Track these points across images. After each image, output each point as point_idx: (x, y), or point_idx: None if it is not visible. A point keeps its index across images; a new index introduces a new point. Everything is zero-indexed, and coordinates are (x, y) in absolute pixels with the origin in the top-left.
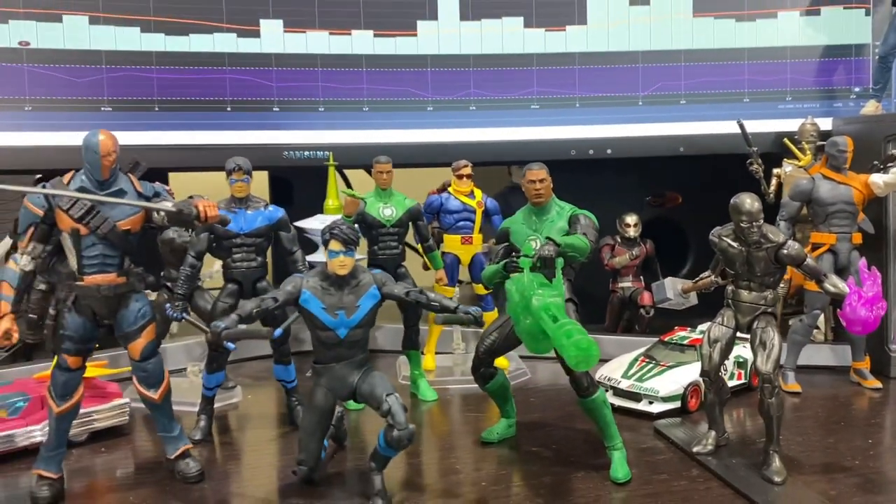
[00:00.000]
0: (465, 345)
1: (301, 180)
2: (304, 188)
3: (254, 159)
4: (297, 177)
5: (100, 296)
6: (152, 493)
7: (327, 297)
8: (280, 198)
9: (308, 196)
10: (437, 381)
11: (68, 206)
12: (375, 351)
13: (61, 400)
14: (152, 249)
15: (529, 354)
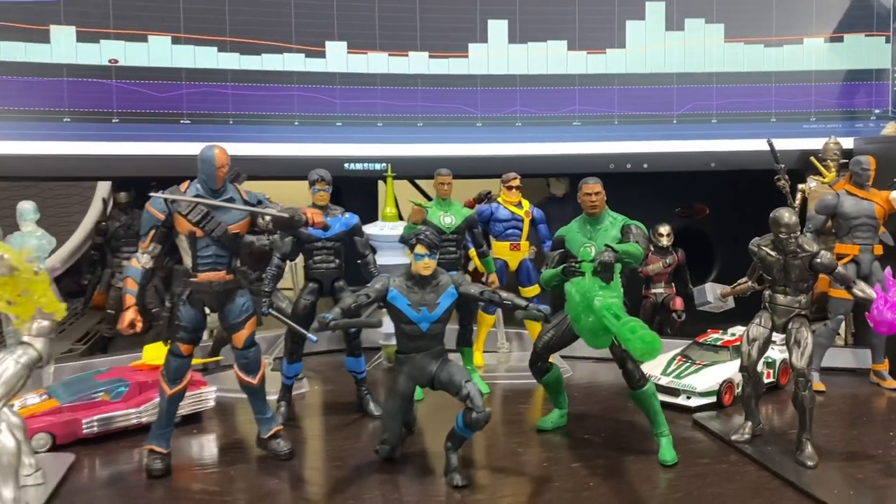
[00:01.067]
0: (508, 344)
1: (350, 189)
2: (353, 196)
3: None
4: (346, 186)
5: (211, 291)
6: (249, 468)
7: (412, 295)
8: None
9: (355, 203)
10: (484, 376)
11: (187, 211)
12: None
13: (173, 383)
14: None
15: (567, 354)
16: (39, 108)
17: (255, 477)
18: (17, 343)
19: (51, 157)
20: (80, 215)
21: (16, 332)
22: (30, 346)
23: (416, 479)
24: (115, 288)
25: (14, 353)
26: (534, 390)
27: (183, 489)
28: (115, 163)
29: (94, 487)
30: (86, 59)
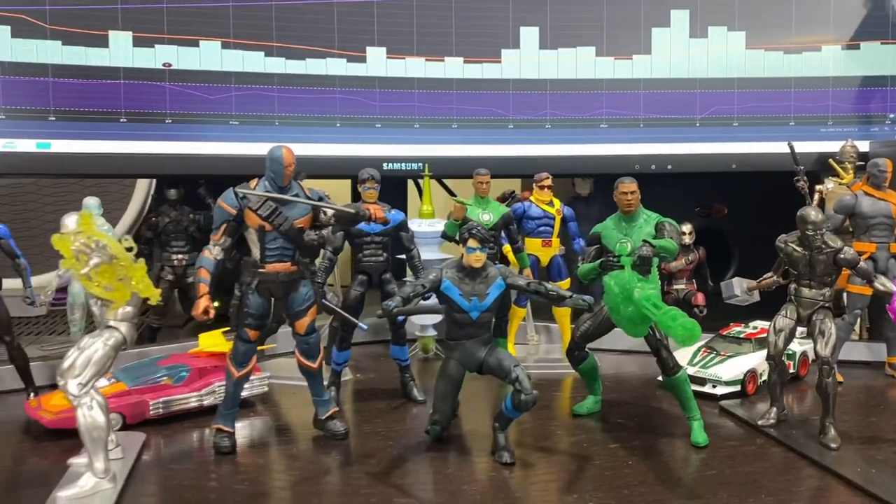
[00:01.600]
0: (538, 337)
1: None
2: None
3: (356, 169)
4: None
5: (277, 281)
6: (308, 447)
7: (463, 286)
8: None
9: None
10: None
11: (257, 206)
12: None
13: (240, 367)
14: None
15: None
16: (98, 109)
17: (314, 455)
18: (104, 327)
19: (108, 156)
20: (119, 212)
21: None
22: (115, 329)
23: (466, 456)
24: (165, 281)
25: (102, 336)
26: (562, 380)
27: (249, 465)
28: (167, 161)
29: (167, 462)
30: (141, 63)
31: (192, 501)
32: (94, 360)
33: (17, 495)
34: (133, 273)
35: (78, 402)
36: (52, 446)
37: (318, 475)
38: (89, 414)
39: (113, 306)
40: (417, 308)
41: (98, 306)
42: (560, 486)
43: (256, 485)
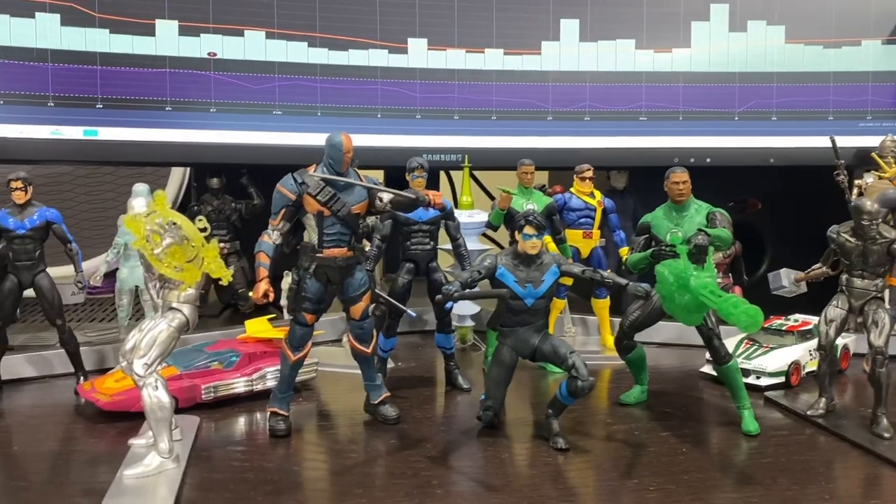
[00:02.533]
0: (574, 329)
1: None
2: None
3: (398, 160)
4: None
5: (335, 266)
6: (362, 431)
7: (518, 272)
8: None
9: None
10: None
11: (316, 192)
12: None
13: (296, 350)
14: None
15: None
16: (145, 98)
17: (369, 438)
18: (167, 309)
19: (153, 144)
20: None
21: (156, 302)
22: (179, 311)
23: (519, 442)
24: None
25: (165, 317)
26: (601, 371)
27: (305, 448)
28: (210, 150)
29: (223, 444)
30: (187, 52)
31: (254, 482)
32: (158, 340)
33: (82, 475)
34: (205, 254)
35: (143, 382)
36: (107, 428)
37: (375, 457)
38: (154, 394)
39: (182, 287)
40: (477, 292)
41: (157, 289)
42: (618, 471)
43: (315, 466)
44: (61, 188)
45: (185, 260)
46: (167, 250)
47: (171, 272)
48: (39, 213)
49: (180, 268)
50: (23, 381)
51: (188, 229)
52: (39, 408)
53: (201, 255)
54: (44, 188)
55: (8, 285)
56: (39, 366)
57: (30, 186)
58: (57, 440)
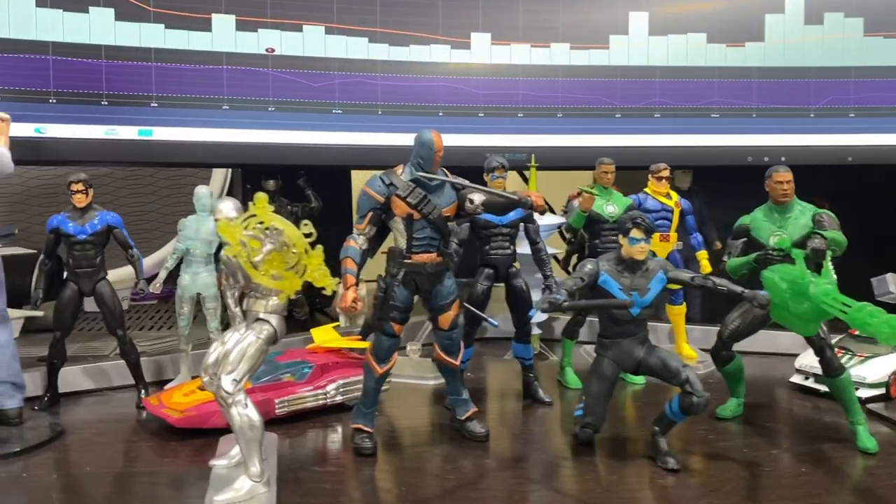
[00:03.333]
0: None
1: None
2: None
3: (461, 160)
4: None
5: (424, 272)
6: (452, 449)
7: (622, 279)
8: None
9: None
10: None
11: (406, 194)
12: (549, 340)
13: (383, 363)
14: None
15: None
16: (201, 96)
17: (459, 457)
18: (254, 320)
19: (209, 144)
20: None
21: (233, 312)
22: (266, 322)
23: (623, 461)
24: None
25: (253, 329)
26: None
27: (395, 468)
28: (268, 151)
29: (308, 464)
30: (244, 48)
31: None
32: (248, 354)
33: (167, 501)
34: (309, 261)
35: (232, 399)
36: (180, 447)
37: (474, 479)
38: (244, 413)
39: (281, 296)
40: (590, 303)
41: (235, 297)
42: (741, 495)
43: (414, 490)
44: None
45: (285, 267)
46: (266, 257)
47: (268, 281)
48: (100, 217)
49: (279, 276)
50: (79, 394)
51: (291, 234)
52: (103, 423)
53: (303, 262)
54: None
55: (68, 294)
56: (97, 378)
57: (90, 189)
58: (129, 459)
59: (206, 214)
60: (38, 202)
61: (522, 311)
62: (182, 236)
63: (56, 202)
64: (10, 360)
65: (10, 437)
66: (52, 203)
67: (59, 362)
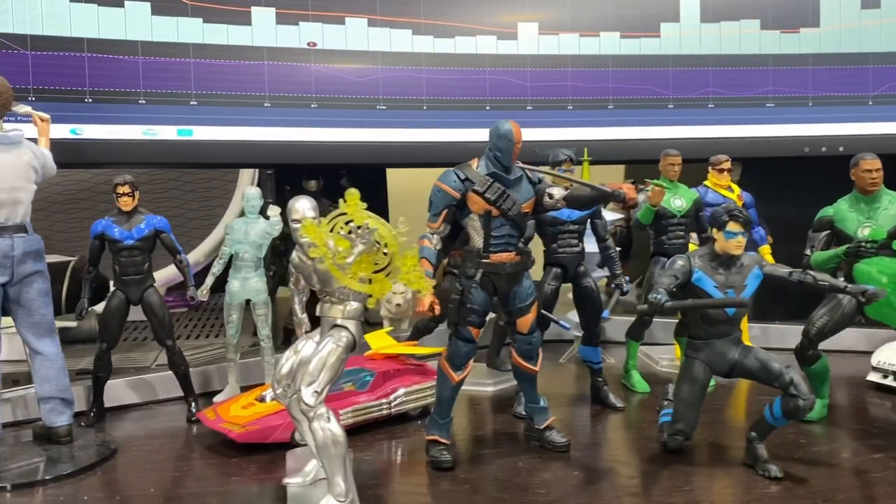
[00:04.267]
0: None
1: None
2: None
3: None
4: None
5: (503, 273)
6: (530, 460)
7: (717, 276)
8: None
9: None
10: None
11: (483, 189)
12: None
13: (459, 370)
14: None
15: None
16: (242, 93)
17: (543, 468)
18: (331, 326)
19: (250, 144)
20: (221, 209)
21: (299, 319)
22: (345, 329)
23: (720, 470)
24: None
25: (331, 337)
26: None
27: (480, 483)
28: (311, 149)
29: (386, 479)
30: (285, 42)
31: None
32: (328, 364)
33: None
34: (403, 262)
35: (314, 413)
36: (244, 463)
37: (567, 494)
38: (327, 427)
39: (370, 301)
40: (693, 303)
41: (301, 303)
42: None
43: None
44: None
45: (373, 269)
46: (357, 259)
47: (355, 284)
48: (147, 221)
49: (366, 279)
50: (124, 409)
51: (384, 234)
52: (155, 439)
53: (396, 263)
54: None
55: (115, 303)
56: (141, 391)
57: (137, 191)
58: (193, 478)
59: (256, 217)
60: (60, 209)
61: (592, 313)
62: (230, 240)
63: (78, 208)
64: (58, 373)
65: (59, 456)
66: (73, 209)
67: (105, 375)
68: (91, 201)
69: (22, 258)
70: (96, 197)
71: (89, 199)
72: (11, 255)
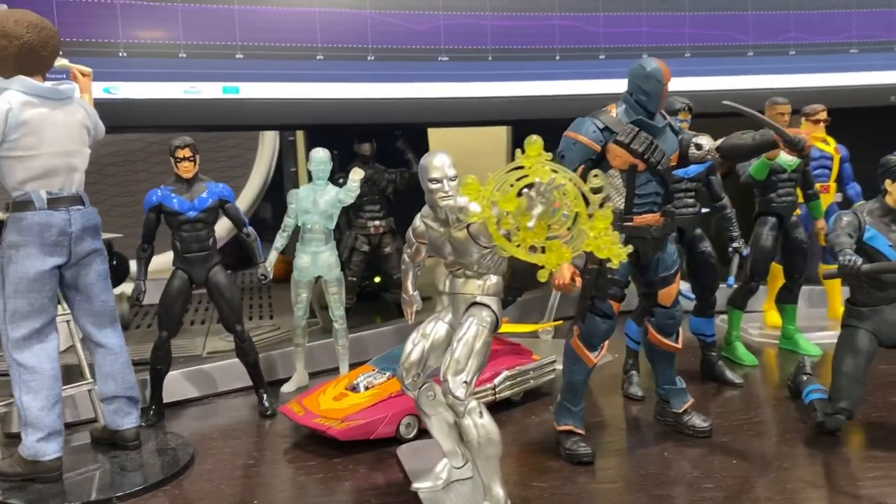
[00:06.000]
0: None
1: (545, 132)
2: (549, 146)
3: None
4: (541, 129)
5: (648, 237)
6: (673, 447)
7: (891, 234)
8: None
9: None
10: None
11: (629, 139)
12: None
13: (596, 351)
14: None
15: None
16: (293, 44)
17: (697, 457)
18: (470, 304)
19: (302, 103)
20: (242, 179)
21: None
22: (486, 307)
23: (887, 452)
24: (359, 252)
25: (474, 317)
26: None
27: (629, 476)
28: (366, 107)
29: (520, 480)
30: None
31: None
32: (476, 349)
33: None
34: (592, 225)
35: (464, 408)
36: (347, 463)
37: (739, 485)
38: (481, 423)
39: (542, 273)
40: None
41: (414, 278)
42: None
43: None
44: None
45: (546, 235)
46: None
47: (524, 254)
48: (210, 189)
49: (539, 247)
50: (180, 404)
51: (571, 192)
52: (233, 439)
53: (583, 227)
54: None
55: (177, 284)
56: (198, 383)
57: (198, 155)
58: (299, 487)
59: (324, 183)
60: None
61: (708, 281)
62: (295, 210)
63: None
64: (123, 369)
65: (125, 463)
66: (96, 182)
67: (165, 368)
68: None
69: (80, 235)
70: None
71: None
72: (69, 231)
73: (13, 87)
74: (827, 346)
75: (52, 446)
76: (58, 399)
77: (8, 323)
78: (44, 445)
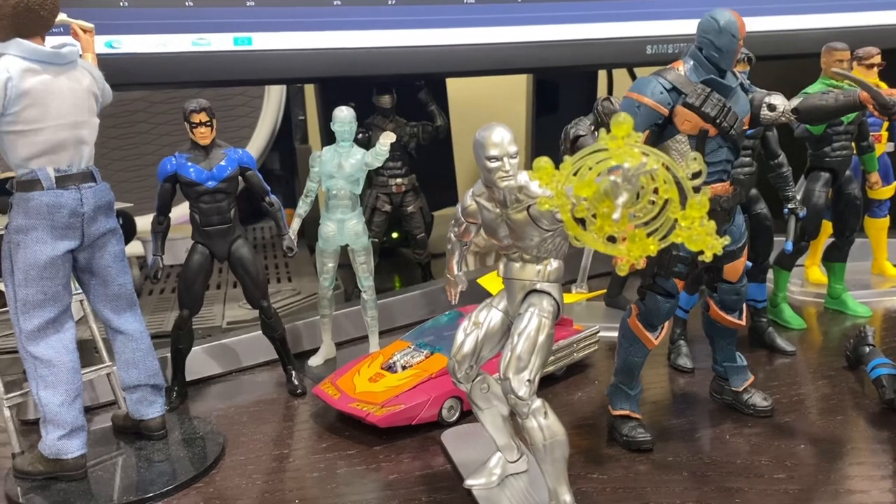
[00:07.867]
0: None
1: (567, 85)
2: (570, 94)
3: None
4: (564, 80)
5: (719, 208)
6: (736, 429)
7: None
8: (543, 106)
9: (575, 103)
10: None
11: (700, 101)
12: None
13: (656, 331)
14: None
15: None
16: None
17: (761, 441)
18: (528, 292)
19: (318, 54)
20: (245, 140)
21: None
22: (546, 295)
23: None
24: (381, 213)
25: (534, 307)
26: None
27: (691, 462)
28: (386, 57)
29: (580, 470)
30: None
31: None
32: (539, 343)
33: None
34: (684, 215)
35: (528, 408)
36: (387, 451)
37: (817, 474)
38: (546, 425)
39: (621, 266)
40: None
41: (462, 259)
42: None
43: (753, 497)
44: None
45: (629, 221)
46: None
47: (599, 244)
48: (229, 157)
49: (618, 237)
50: (202, 382)
51: (662, 176)
52: (262, 422)
53: (673, 215)
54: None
55: (197, 259)
56: (220, 358)
57: (215, 119)
58: (345, 484)
59: (349, 144)
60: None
61: (763, 244)
62: (318, 174)
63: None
64: (145, 355)
65: (152, 454)
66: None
67: (187, 347)
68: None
69: (93, 215)
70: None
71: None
72: (80, 211)
73: (10, 52)
74: (874, 305)
75: (74, 443)
76: (78, 392)
77: (20, 314)
78: (66, 443)
